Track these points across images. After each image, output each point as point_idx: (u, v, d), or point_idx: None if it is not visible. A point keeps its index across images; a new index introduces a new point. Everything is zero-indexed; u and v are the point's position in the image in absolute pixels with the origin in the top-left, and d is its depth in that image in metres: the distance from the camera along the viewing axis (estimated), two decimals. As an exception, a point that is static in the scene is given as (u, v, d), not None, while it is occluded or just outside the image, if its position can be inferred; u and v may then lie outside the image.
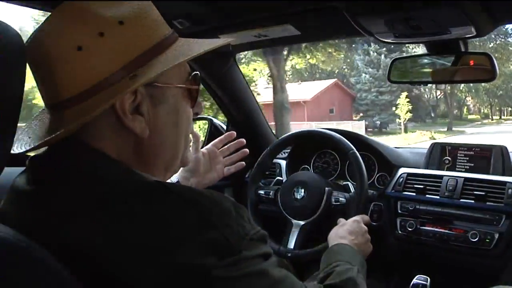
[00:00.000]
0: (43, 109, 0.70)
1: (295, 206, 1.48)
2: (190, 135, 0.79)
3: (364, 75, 29.81)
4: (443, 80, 1.42)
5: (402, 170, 1.66)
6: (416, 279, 1.45)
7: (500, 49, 28.31)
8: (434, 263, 1.57)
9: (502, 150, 1.57)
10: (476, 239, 1.40)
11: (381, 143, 1.81)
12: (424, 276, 1.46)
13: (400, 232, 1.56)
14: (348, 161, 1.49)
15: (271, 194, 1.56)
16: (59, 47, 0.59)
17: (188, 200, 0.58)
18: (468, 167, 1.62)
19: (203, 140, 1.95)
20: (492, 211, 1.41)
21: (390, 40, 1.31)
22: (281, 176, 1.84)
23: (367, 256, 1.14)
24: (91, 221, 0.55)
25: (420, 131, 23.43)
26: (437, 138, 18.07)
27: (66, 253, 0.55)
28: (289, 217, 1.49)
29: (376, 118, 28.86)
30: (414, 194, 1.58)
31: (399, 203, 1.59)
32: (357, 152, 1.46)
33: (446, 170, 1.63)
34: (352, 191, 1.46)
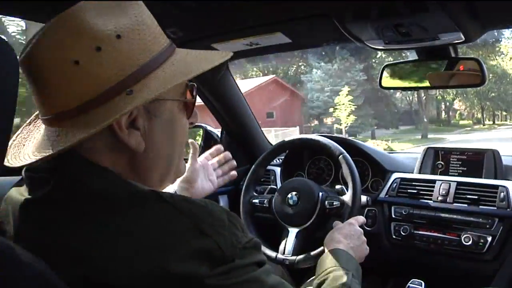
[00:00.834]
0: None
1: (289, 213, 1.48)
2: (189, 143, 0.79)
3: (315, 71, 24.85)
4: (434, 86, 1.43)
5: (396, 175, 1.67)
6: (410, 283, 1.46)
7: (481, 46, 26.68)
8: (428, 267, 1.57)
9: (494, 154, 1.59)
10: (470, 242, 1.41)
11: (374, 148, 1.82)
12: (418, 280, 1.46)
13: (394, 236, 1.57)
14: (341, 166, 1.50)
15: (265, 202, 1.56)
16: (55, 61, 0.58)
17: (182, 209, 0.58)
18: (461, 171, 1.63)
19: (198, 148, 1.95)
20: (485, 214, 1.43)
21: (380, 47, 1.32)
22: (275, 183, 1.84)
23: (363, 259, 1.15)
24: (86, 231, 0.56)
25: (374, 140, 20.33)
26: (396, 149, 15.63)
27: (61, 263, 0.55)
28: (284, 224, 1.49)
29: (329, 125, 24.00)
30: (408, 199, 1.59)
31: (393, 208, 1.60)
32: (347, 155, 1.46)
33: (439, 175, 1.64)
34: (345, 194, 1.46)
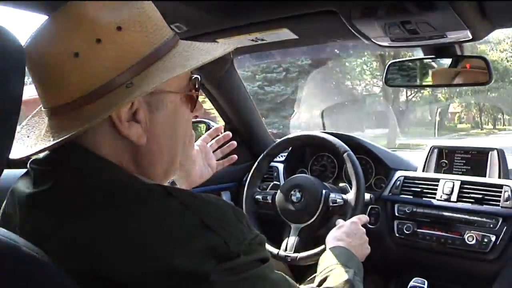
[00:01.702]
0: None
1: (292, 210, 1.48)
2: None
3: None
4: (440, 84, 1.42)
5: (399, 173, 1.67)
6: (413, 281, 1.46)
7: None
8: (431, 266, 1.57)
9: (499, 153, 1.58)
10: (473, 242, 1.40)
11: (377, 146, 1.81)
12: (421, 278, 1.46)
13: (397, 235, 1.57)
14: (345, 164, 1.50)
15: (268, 198, 1.56)
16: (56, 53, 0.59)
17: (188, 204, 0.58)
18: (465, 170, 1.63)
19: None
20: (489, 214, 1.42)
21: (386, 44, 1.31)
22: (278, 179, 1.84)
23: (365, 258, 1.15)
24: (92, 224, 0.56)
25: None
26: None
27: (66, 256, 0.55)
28: (287, 221, 1.49)
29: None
30: (411, 197, 1.59)
31: (396, 206, 1.59)
32: (352, 153, 1.46)
33: (443, 173, 1.64)
34: (349, 192, 1.46)
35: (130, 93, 0.59)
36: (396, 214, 1.58)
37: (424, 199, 1.56)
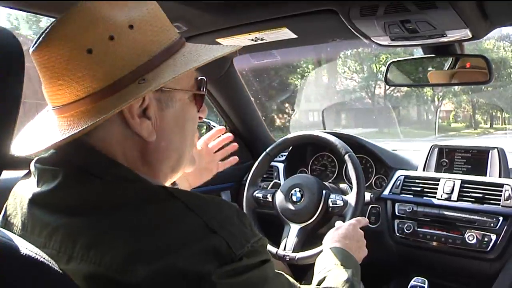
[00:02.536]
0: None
1: (292, 209, 1.48)
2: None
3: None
4: (440, 83, 1.42)
5: (400, 173, 1.67)
6: (413, 281, 1.46)
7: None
8: (431, 265, 1.57)
9: (499, 152, 1.57)
10: (473, 241, 1.40)
11: (378, 145, 1.81)
12: (421, 278, 1.46)
13: (397, 234, 1.57)
14: (345, 163, 1.50)
15: (268, 197, 1.56)
16: (69, 50, 0.59)
17: (192, 206, 0.58)
18: (465, 169, 1.62)
19: None
20: (489, 213, 1.42)
21: (386, 43, 1.31)
22: (278, 179, 1.84)
23: (361, 261, 1.14)
24: (95, 224, 0.56)
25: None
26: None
27: (69, 258, 0.55)
28: (286, 220, 1.49)
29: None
30: (412, 196, 1.59)
31: (396, 205, 1.59)
32: (354, 155, 1.46)
33: (444, 172, 1.64)
34: (349, 194, 1.46)
35: (143, 88, 0.60)
36: (397, 214, 1.58)
37: (424, 198, 1.56)
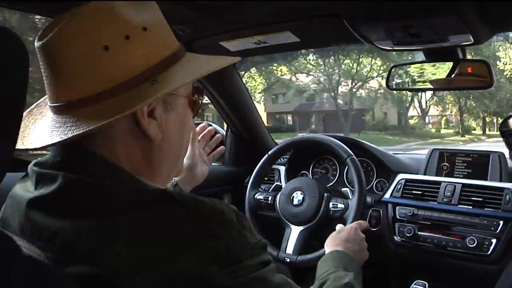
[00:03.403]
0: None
1: (293, 212, 1.48)
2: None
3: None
4: (442, 88, 1.43)
5: (401, 176, 1.67)
6: (414, 284, 1.46)
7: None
8: (432, 269, 1.57)
9: (500, 156, 1.58)
10: (474, 244, 1.41)
11: (379, 149, 1.82)
12: (422, 281, 1.47)
13: (398, 237, 1.57)
14: (346, 167, 1.50)
15: (270, 199, 1.56)
16: (85, 46, 0.60)
17: (191, 209, 0.58)
18: (466, 173, 1.63)
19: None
20: (490, 217, 1.42)
21: (389, 48, 1.32)
22: (280, 181, 1.84)
23: (362, 264, 1.15)
24: (95, 229, 0.56)
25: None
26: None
27: (67, 261, 0.55)
28: (287, 222, 1.49)
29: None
30: (412, 200, 1.59)
31: (397, 208, 1.60)
32: (356, 158, 1.47)
33: (444, 176, 1.64)
34: (350, 198, 1.47)
35: (156, 89, 0.62)
36: (397, 217, 1.59)
37: (425, 202, 1.56)
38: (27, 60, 0.55)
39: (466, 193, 1.50)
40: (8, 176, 0.57)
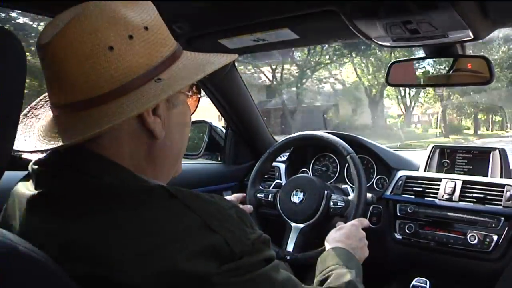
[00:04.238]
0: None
1: (294, 209, 1.48)
2: None
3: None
4: (441, 84, 1.42)
5: (401, 173, 1.67)
6: (415, 281, 1.46)
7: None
8: (433, 266, 1.57)
9: (501, 152, 1.58)
10: (475, 241, 1.40)
11: (380, 146, 1.82)
12: (423, 278, 1.46)
13: (399, 234, 1.57)
14: (347, 164, 1.50)
15: (270, 197, 1.56)
16: (90, 46, 0.60)
17: (190, 205, 0.58)
18: (466, 169, 1.63)
19: (203, 143, 1.98)
20: (491, 213, 1.42)
21: (388, 44, 1.31)
22: (280, 179, 1.84)
23: (363, 261, 1.14)
24: (94, 226, 0.56)
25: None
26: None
27: (67, 258, 0.55)
28: (288, 220, 1.49)
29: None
30: (413, 196, 1.59)
31: (398, 206, 1.59)
32: (356, 156, 1.46)
33: (445, 173, 1.64)
34: (351, 195, 1.46)
35: (161, 87, 0.62)
36: (398, 214, 1.58)
37: (426, 198, 1.56)
38: (25, 60, 0.55)
39: (467, 189, 1.50)
40: (9, 175, 0.57)
